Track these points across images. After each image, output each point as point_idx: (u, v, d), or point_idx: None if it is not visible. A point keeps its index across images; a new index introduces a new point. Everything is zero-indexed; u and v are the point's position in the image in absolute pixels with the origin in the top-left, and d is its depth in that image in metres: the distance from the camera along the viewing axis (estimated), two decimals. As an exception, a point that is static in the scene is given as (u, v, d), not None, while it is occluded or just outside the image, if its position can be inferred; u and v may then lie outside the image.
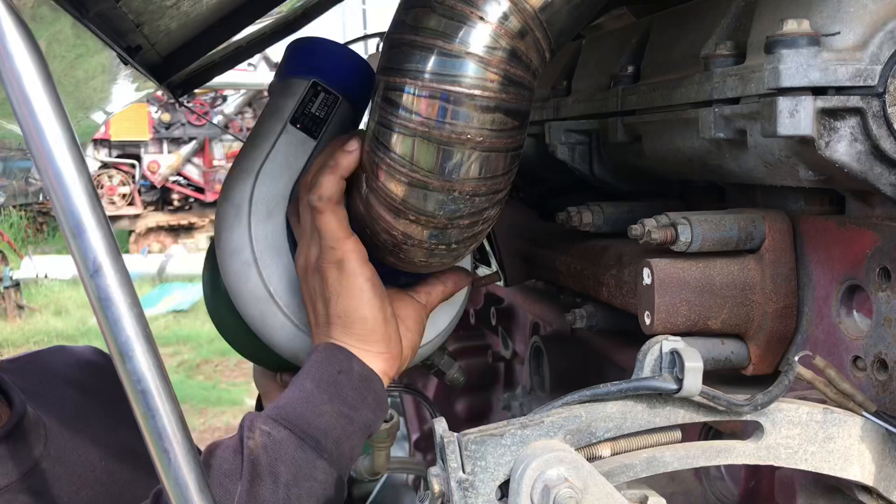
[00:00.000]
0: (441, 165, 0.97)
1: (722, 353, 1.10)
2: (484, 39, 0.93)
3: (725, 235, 1.06)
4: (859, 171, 0.87)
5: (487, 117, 0.96)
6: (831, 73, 0.83)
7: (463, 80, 0.94)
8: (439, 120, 0.95)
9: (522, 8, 0.94)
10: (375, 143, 1.01)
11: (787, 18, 0.84)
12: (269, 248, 1.16)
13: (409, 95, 0.95)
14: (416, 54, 0.95)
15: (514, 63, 0.95)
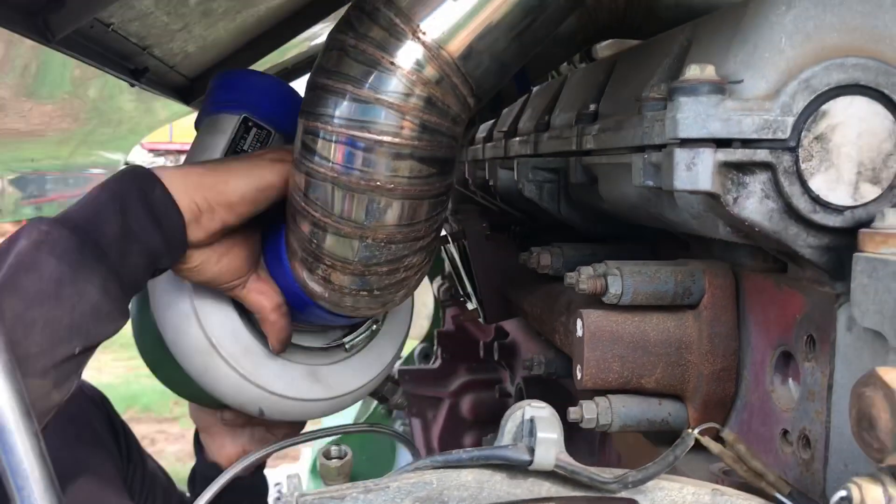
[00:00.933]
0: (353, 212, 0.94)
1: (659, 414, 1.03)
2: (395, 86, 0.91)
3: (660, 289, 0.99)
4: (772, 230, 0.79)
5: (400, 164, 0.93)
6: (735, 125, 0.76)
7: (372, 126, 0.91)
8: (348, 166, 0.92)
9: (438, 55, 0.91)
10: (294, 189, 0.99)
11: (693, 63, 0.78)
12: (208, 297, 1.15)
13: (323, 140, 0.94)
14: (329, 99, 0.93)
15: (430, 110, 0.92)
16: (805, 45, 0.78)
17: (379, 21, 0.91)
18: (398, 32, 0.91)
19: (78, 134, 2.41)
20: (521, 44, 0.96)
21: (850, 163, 0.77)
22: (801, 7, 0.79)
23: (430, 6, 0.91)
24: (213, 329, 1.14)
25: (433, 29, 0.91)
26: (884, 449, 0.65)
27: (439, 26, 0.91)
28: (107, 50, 1.61)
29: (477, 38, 0.92)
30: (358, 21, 0.93)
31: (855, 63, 0.77)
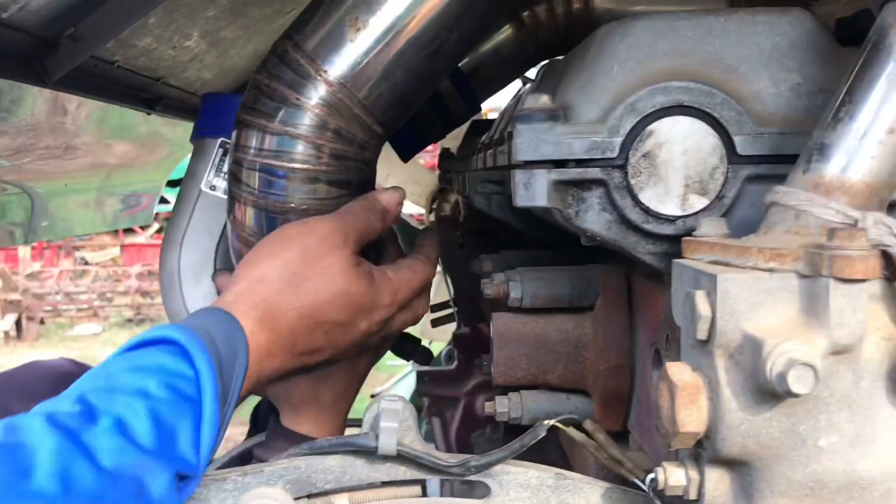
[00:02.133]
0: (271, 231, 1.06)
1: (566, 408, 1.11)
2: (303, 119, 1.03)
3: (557, 293, 1.08)
4: (612, 239, 0.87)
5: (310, 188, 1.04)
6: (565, 147, 0.84)
7: (284, 155, 1.03)
8: (265, 191, 1.05)
9: (340, 90, 1.03)
10: (230, 215, 1.12)
11: (533, 93, 0.87)
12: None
13: (245, 170, 1.06)
14: (249, 132, 1.06)
15: (336, 139, 1.04)
16: (635, 72, 0.86)
17: (288, 62, 1.04)
18: (304, 72, 1.03)
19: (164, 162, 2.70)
20: (420, 75, 1.06)
21: (677, 177, 0.85)
22: (636, 36, 0.87)
23: (331, 48, 1.03)
24: None
25: (335, 68, 1.03)
26: (667, 435, 0.73)
27: (340, 64, 1.03)
28: (117, 84, 1.78)
29: (375, 73, 1.03)
30: (271, 63, 1.06)
31: (678, 86, 0.84)
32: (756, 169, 0.85)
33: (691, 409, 0.71)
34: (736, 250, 0.73)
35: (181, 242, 1.31)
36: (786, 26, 0.87)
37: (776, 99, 0.85)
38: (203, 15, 1.75)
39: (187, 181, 1.34)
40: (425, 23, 1.02)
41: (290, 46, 1.04)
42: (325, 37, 1.04)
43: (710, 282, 0.70)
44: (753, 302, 0.69)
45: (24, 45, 1.35)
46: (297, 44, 1.04)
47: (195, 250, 1.31)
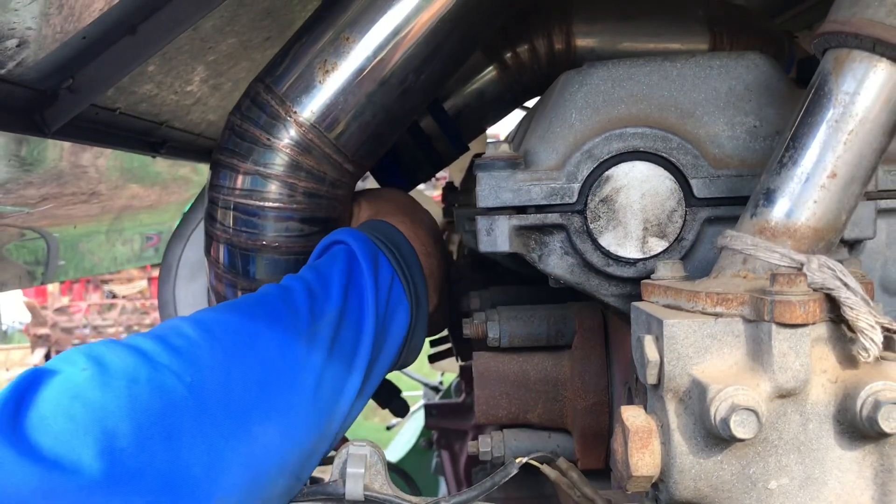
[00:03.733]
0: (244, 269, 1.09)
1: (548, 446, 1.12)
2: (274, 159, 1.05)
3: (534, 332, 1.09)
4: (575, 282, 0.89)
5: (281, 225, 1.07)
6: (525, 194, 0.86)
7: (256, 194, 1.06)
8: (238, 229, 1.07)
9: (310, 131, 1.05)
10: (206, 252, 1.15)
11: (494, 141, 0.89)
12: (189, 307, 1.33)
13: (220, 209, 1.09)
14: (222, 172, 1.09)
15: (307, 178, 1.06)
16: (593, 118, 0.88)
17: (260, 104, 1.07)
18: (275, 114, 1.06)
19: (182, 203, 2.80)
20: (391, 114, 1.09)
21: (636, 220, 0.86)
22: (593, 84, 0.89)
23: (302, 90, 1.06)
24: None
25: (305, 109, 1.06)
26: (622, 478, 0.74)
27: (310, 106, 1.05)
28: (121, 130, 1.83)
29: (344, 114, 1.06)
30: (245, 105, 1.09)
31: (634, 132, 0.86)
32: (714, 211, 0.86)
33: (644, 453, 0.72)
34: (686, 294, 0.75)
35: (188, 238, 1.35)
36: (742, 70, 0.89)
37: (733, 142, 0.87)
38: (203, 60, 1.80)
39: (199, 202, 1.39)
40: (393, 65, 1.05)
41: (262, 89, 1.07)
42: (295, 79, 1.06)
43: (658, 326, 0.71)
44: (700, 346, 0.70)
45: (23, 98, 1.40)
46: (268, 86, 1.07)
47: (198, 249, 1.35)
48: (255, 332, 0.84)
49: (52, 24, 1.24)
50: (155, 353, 0.77)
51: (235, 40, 1.79)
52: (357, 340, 0.92)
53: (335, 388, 0.88)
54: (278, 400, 0.81)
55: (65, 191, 2.02)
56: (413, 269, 1.03)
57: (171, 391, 0.74)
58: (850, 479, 0.69)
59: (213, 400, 0.76)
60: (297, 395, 0.83)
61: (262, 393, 0.80)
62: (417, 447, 2.75)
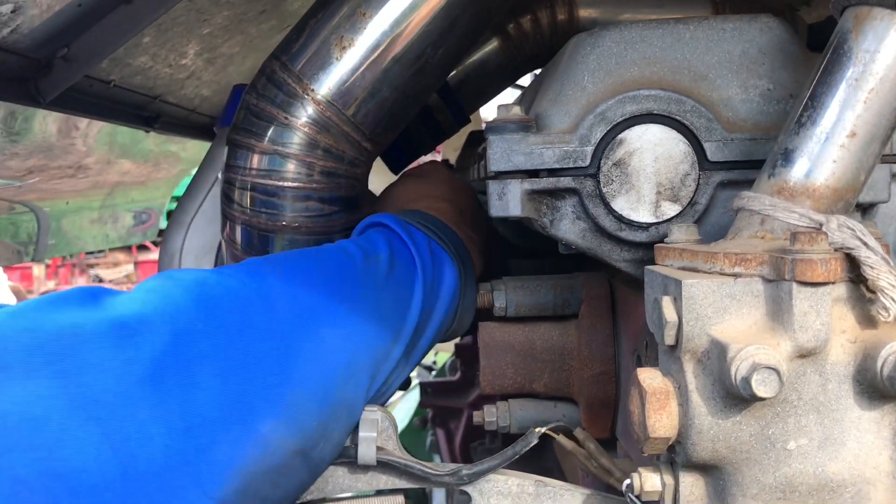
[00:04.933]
0: (263, 250, 1.08)
1: (554, 415, 1.12)
2: (292, 138, 1.04)
3: (541, 301, 1.08)
4: (587, 247, 0.88)
5: (301, 205, 1.05)
6: (537, 157, 0.85)
7: (275, 174, 1.04)
8: (257, 209, 1.06)
9: (328, 109, 1.03)
10: (223, 233, 1.13)
11: (504, 104, 0.88)
12: None
13: (237, 189, 1.07)
14: (239, 152, 1.07)
15: (325, 156, 1.05)
16: (605, 81, 0.87)
17: (276, 83, 1.05)
18: (292, 92, 1.04)
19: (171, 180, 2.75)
20: (408, 91, 1.07)
21: (649, 184, 0.85)
22: (605, 46, 0.88)
23: (318, 67, 1.04)
24: None
25: (322, 86, 1.04)
26: (639, 440, 0.73)
27: (327, 83, 1.03)
28: (115, 103, 1.80)
29: (362, 91, 1.04)
30: (260, 84, 1.07)
31: (647, 94, 0.85)
32: (727, 174, 0.86)
33: (661, 415, 0.71)
34: (703, 256, 0.74)
35: (189, 225, 1.32)
36: (755, 33, 0.88)
37: (746, 105, 0.86)
38: (198, 33, 1.78)
39: (204, 166, 1.35)
40: (410, 40, 1.03)
41: (278, 66, 1.05)
42: (312, 56, 1.04)
43: (676, 287, 0.71)
44: (719, 307, 0.70)
45: (17, 66, 1.38)
46: (284, 64, 1.05)
47: (200, 235, 1.32)
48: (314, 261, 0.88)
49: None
50: (218, 271, 0.79)
51: (230, 13, 1.77)
52: (410, 295, 0.92)
53: (397, 305, 0.90)
54: (342, 306, 0.83)
55: (51, 164, 1.99)
56: (448, 234, 1.03)
57: (239, 291, 0.76)
58: (868, 439, 0.69)
59: (281, 301, 0.77)
60: (360, 303, 0.85)
61: (327, 298, 0.82)
62: (412, 426, 2.75)
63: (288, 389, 0.73)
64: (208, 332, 0.69)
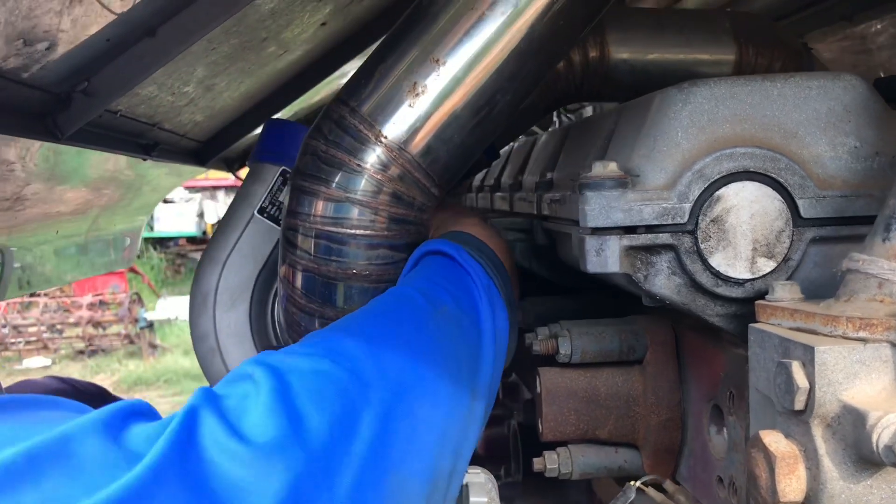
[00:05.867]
0: (329, 297, 1.05)
1: (615, 461, 1.12)
2: (363, 185, 1.01)
3: (606, 348, 1.08)
4: (681, 302, 0.89)
5: (372, 253, 1.03)
6: (636, 214, 0.85)
7: (345, 221, 1.02)
8: (325, 257, 1.03)
9: (400, 155, 1.01)
10: (282, 280, 1.10)
11: (603, 160, 0.88)
12: (231, 336, 1.27)
13: (301, 236, 1.04)
14: (305, 199, 1.04)
15: (396, 203, 1.03)
16: (699, 137, 0.87)
17: (345, 128, 1.03)
18: (362, 137, 1.02)
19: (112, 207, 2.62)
20: (476, 136, 1.06)
21: (745, 241, 0.86)
22: (696, 102, 0.89)
23: (389, 112, 1.02)
24: (234, 365, 1.26)
25: (393, 132, 1.02)
26: (766, 503, 0.74)
27: (399, 129, 1.01)
28: (117, 132, 1.75)
29: (434, 137, 1.02)
30: (327, 128, 1.04)
31: (743, 152, 0.86)
32: (819, 231, 0.87)
33: (791, 479, 0.72)
34: (821, 318, 0.75)
35: (224, 263, 1.28)
36: (839, 91, 0.89)
37: (835, 162, 0.88)
38: (205, 61, 1.73)
39: (239, 202, 1.30)
40: (481, 86, 1.02)
41: (347, 112, 1.03)
42: (382, 101, 1.02)
43: (807, 353, 0.71)
44: (849, 372, 0.70)
45: (37, 101, 1.32)
46: (353, 109, 1.03)
47: (236, 274, 1.28)
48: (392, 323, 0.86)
49: (79, 26, 1.18)
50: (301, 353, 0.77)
51: (237, 41, 1.73)
52: (479, 345, 0.91)
53: (470, 359, 0.88)
54: (429, 372, 0.81)
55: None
56: (501, 271, 1.01)
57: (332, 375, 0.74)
58: None
59: (374, 381, 0.76)
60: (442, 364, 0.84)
61: (413, 365, 0.81)
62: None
63: (390, 475, 0.71)
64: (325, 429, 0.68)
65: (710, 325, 0.95)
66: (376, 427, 0.73)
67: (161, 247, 13.45)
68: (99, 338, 10.46)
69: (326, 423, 0.68)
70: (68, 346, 10.59)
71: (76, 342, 10.53)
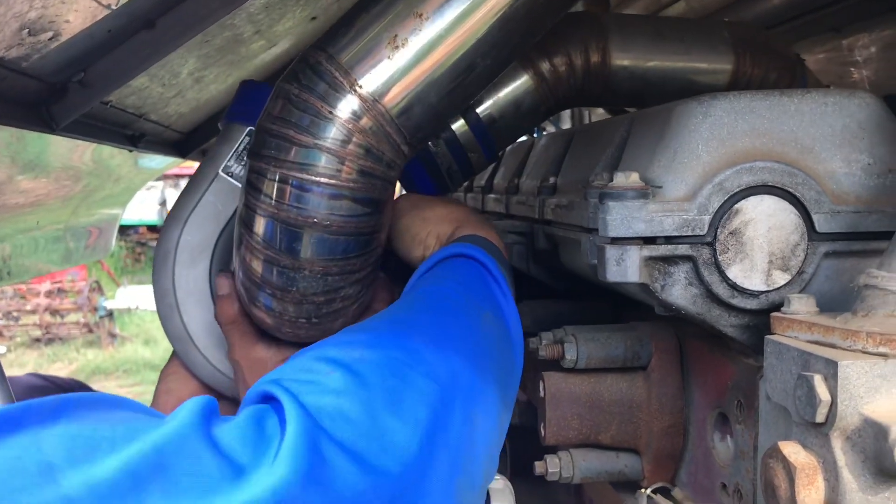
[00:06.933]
0: (288, 245, 1.03)
1: (616, 466, 1.13)
2: (334, 133, 0.98)
3: (612, 354, 1.09)
4: (696, 313, 0.90)
5: (335, 203, 1.00)
6: (657, 224, 0.86)
7: (311, 168, 0.99)
8: (290, 204, 1.00)
9: (374, 107, 0.98)
10: (241, 224, 1.08)
11: (622, 170, 0.88)
12: (190, 294, 1.25)
13: (266, 180, 1.02)
14: (273, 142, 1.01)
15: (365, 156, 1.00)
16: (719, 150, 0.89)
17: (320, 73, 0.99)
18: (337, 85, 0.98)
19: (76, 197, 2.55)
20: (452, 98, 1.03)
21: (762, 253, 0.88)
22: (716, 115, 0.90)
23: (368, 63, 0.98)
24: (191, 323, 1.25)
25: (370, 83, 0.98)
26: (784, 514, 0.75)
27: (375, 81, 0.98)
28: (105, 122, 1.72)
29: (410, 93, 0.99)
30: (302, 73, 1.01)
31: (763, 166, 0.87)
32: (832, 245, 0.89)
33: (810, 490, 0.73)
34: (840, 332, 0.76)
35: (185, 220, 1.25)
36: (854, 108, 0.91)
37: (849, 178, 0.90)
38: (197, 53, 1.71)
39: (206, 163, 1.27)
40: (464, 47, 0.99)
41: (324, 58, 0.99)
42: (361, 51, 0.99)
43: (829, 367, 0.73)
44: (871, 386, 0.72)
45: (32, 90, 1.30)
46: (330, 56, 0.99)
47: (197, 232, 1.25)
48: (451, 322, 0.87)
49: (82, 17, 1.15)
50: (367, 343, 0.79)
51: (231, 34, 1.71)
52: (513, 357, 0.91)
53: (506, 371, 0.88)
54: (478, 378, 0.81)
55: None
56: (510, 273, 1.02)
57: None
58: None
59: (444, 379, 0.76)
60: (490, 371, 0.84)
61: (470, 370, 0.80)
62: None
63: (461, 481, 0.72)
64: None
65: (719, 335, 0.97)
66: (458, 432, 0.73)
67: (121, 235, 13.25)
68: (56, 326, 10.27)
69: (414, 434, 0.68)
70: (24, 333, 10.38)
71: (32, 330, 10.33)
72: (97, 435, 0.55)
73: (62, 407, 0.57)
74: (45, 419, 0.55)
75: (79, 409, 0.58)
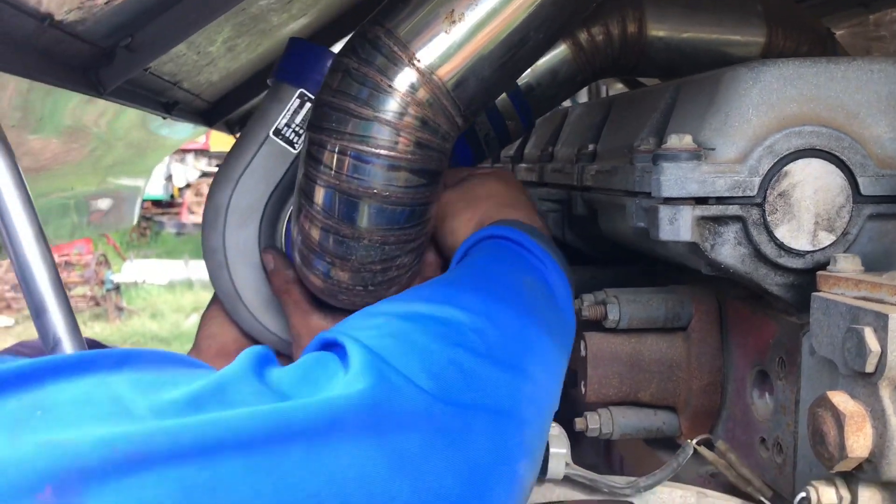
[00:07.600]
0: (348, 215, 1.07)
1: (654, 423, 1.17)
2: (392, 106, 1.01)
3: (653, 315, 1.13)
4: (744, 272, 0.93)
5: (393, 175, 1.04)
6: (710, 185, 0.89)
7: (371, 140, 1.02)
8: (349, 175, 1.04)
9: (430, 80, 1.02)
10: (300, 193, 1.11)
11: (672, 133, 0.92)
12: (239, 254, 1.29)
13: (327, 151, 1.05)
14: (334, 115, 1.04)
15: (422, 128, 1.03)
16: (769, 115, 0.92)
17: (379, 48, 1.02)
18: (395, 58, 1.01)
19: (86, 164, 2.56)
20: (504, 72, 1.07)
21: (808, 214, 0.91)
22: (766, 81, 0.93)
23: (424, 36, 1.01)
24: (240, 281, 1.28)
25: (427, 56, 1.01)
26: (833, 458, 0.79)
27: (432, 54, 1.01)
28: (142, 88, 1.75)
29: (465, 66, 1.02)
30: (361, 47, 1.03)
31: (811, 130, 0.90)
32: (876, 208, 0.92)
33: (858, 436, 0.77)
34: (888, 289, 0.80)
35: (237, 181, 1.28)
36: (899, 75, 0.94)
37: (894, 143, 0.93)
38: (233, 21, 1.74)
39: (255, 122, 1.29)
40: (517, 20, 1.01)
41: (382, 32, 1.02)
42: (418, 25, 1.01)
43: (879, 319, 0.76)
44: (918, 339, 0.76)
45: (83, 54, 1.33)
46: (388, 30, 1.02)
47: (248, 194, 1.28)
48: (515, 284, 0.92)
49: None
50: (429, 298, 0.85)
51: (266, 2, 1.74)
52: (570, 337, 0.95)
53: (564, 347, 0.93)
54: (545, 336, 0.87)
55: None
56: (558, 255, 1.05)
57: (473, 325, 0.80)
58: None
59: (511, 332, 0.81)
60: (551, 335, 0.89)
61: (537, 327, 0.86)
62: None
63: (530, 429, 0.76)
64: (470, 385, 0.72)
65: (763, 294, 1.00)
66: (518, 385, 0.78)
67: (128, 209, 13.28)
68: (64, 298, 10.25)
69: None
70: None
71: (40, 302, 10.31)
72: (160, 379, 0.60)
73: (127, 357, 0.62)
74: (111, 366, 0.60)
75: (141, 360, 0.63)
